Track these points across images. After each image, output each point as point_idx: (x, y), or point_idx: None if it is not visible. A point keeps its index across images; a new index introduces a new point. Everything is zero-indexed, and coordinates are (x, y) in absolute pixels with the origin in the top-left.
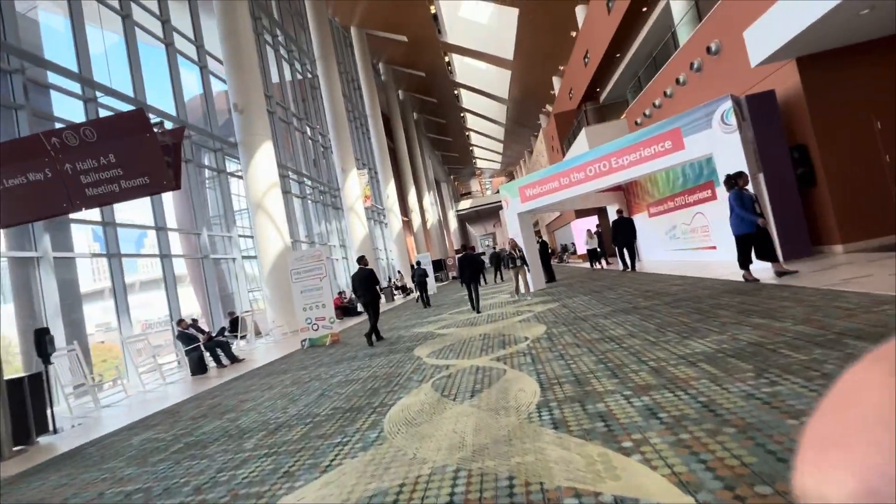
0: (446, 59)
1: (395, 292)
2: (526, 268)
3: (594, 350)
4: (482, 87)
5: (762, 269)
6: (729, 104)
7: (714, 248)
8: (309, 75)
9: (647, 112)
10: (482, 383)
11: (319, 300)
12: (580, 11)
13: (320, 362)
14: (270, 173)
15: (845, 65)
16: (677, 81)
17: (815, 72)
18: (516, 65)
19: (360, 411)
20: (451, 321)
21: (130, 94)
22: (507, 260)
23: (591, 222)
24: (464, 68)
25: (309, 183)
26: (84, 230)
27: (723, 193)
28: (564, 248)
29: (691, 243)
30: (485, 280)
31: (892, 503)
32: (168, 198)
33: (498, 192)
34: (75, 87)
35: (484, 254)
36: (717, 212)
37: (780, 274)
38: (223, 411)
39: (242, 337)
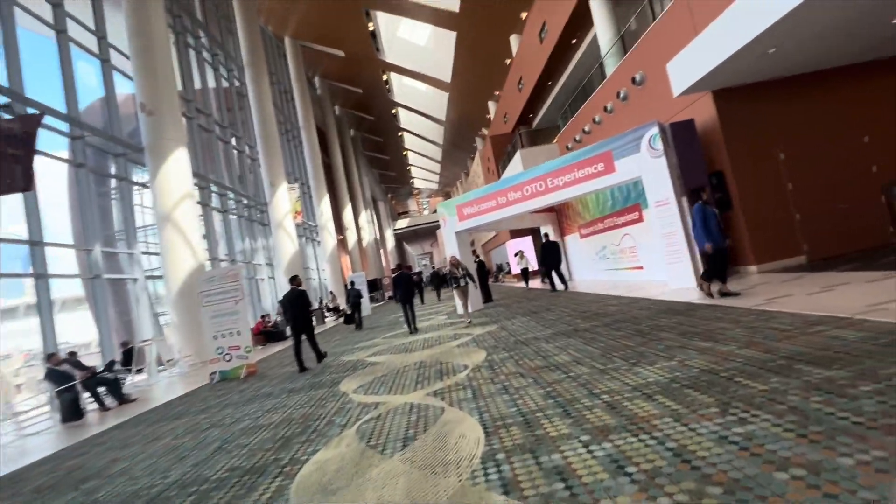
0: (384, 77)
1: (327, 314)
2: (473, 285)
3: (540, 381)
4: (420, 108)
5: (692, 288)
6: (655, 129)
7: (641, 268)
8: (237, 83)
9: (578, 137)
10: (417, 426)
11: (234, 326)
12: (514, 40)
13: (227, 401)
14: (183, 183)
15: (757, 98)
16: (605, 109)
17: (730, 104)
18: (454, 87)
19: (264, 473)
20: (384, 346)
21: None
22: (450, 279)
23: (525, 243)
24: (402, 88)
25: (232, 196)
26: None
27: (650, 216)
28: (500, 268)
29: (620, 263)
30: (422, 299)
31: None
32: (62, 208)
33: (435, 211)
34: None
35: (421, 273)
36: (644, 233)
37: (723, 294)
38: (82, 478)
39: (138, 371)
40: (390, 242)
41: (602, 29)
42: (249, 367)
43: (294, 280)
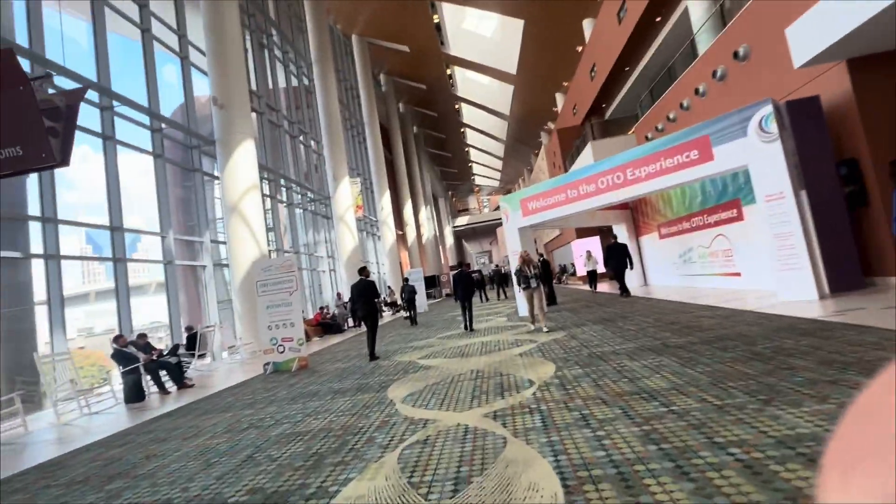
0: (448, 71)
1: (385, 308)
2: (543, 289)
3: (632, 413)
4: (483, 102)
5: (813, 302)
6: (769, 108)
7: (738, 274)
8: (305, 80)
9: (660, 126)
10: (472, 462)
11: (287, 318)
12: (587, 25)
13: (273, 397)
14: (250, 175)
15: None
16: (696, 92)
17: (870, 76)
18: (519, 80)
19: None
20: (438, 347)
21: (94, 78)
22: (519, 277)
23: (593, 243)
24: (466, 83)
25: (298, 190)
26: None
27: (754, 213)
28: (563, 269)
29: (710, 269)
30: (484, 297)
31: None
32: (151, 197)
33: (497, 208)
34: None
35: (479, 271)
36: (744, 234)
37: None
38: (113, 474)
39: (201, 356)
40: (449, 240)
41: (695, 1)
42: (301, 360)
43: (362, 271)
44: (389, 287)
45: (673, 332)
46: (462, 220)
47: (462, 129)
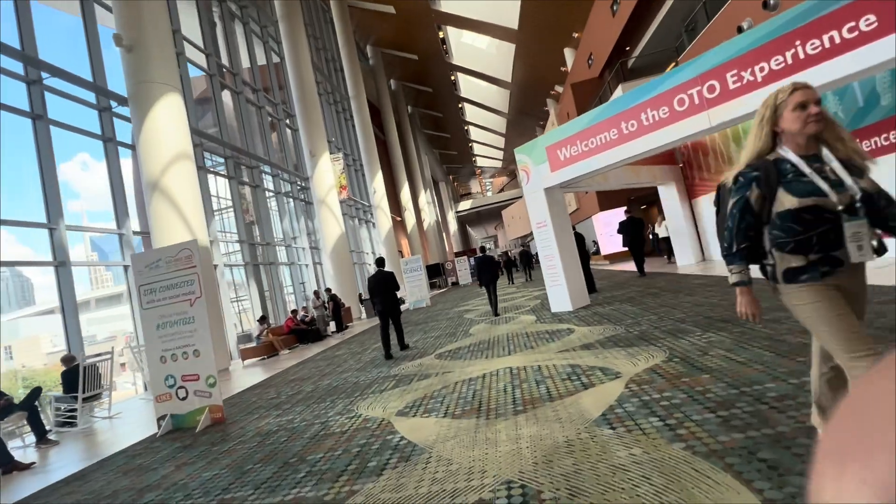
0: (441, 35)
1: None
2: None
3: None
4: (482, 70)
5: None
6: None
7: None
8: (271, 41)
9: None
10: None
11: (189, 343)
12: None
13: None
14: (176, 139)
15: None
16: None
17: None
18: (522, 36)
19: None
20: (437, 383)
21: None
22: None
23: (617, 218)
24: (461, 48)
25: (268, 170)
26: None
27: None
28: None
29: None
30: (511, 279)
31: None
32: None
33: (502, 190)
34: None
35: (506, 253)
36: None
37: None
38: None
39: (90, 398)
40: (453, 225)
41: None
42: (213, 411)
43: (380, 262)
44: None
45: None
46: (465, 205)
47: (460, 105)
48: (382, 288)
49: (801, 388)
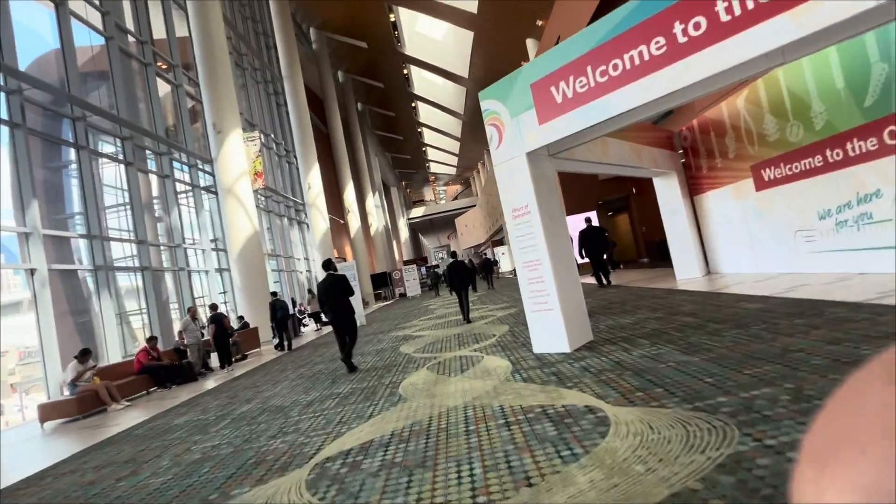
0: (391, 17)
1: (306, 322)
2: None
3: None
4: (438, 63)
5: None
6: None
7: None
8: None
9: None
10: None
11: None
12: None
13: None
14: None
15: None
16: None
17: None
18: (481, 21)
19: None
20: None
21: None
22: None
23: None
24: (415, 39)
25: (149, 143)
26: None
27: None
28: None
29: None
30: (475, 288)
31: None
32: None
33: (456, 198)
34: None
35: (471, 261)
36: None
37: None
38: None
39: None
40: (404, 233)
41: None
42: None
43: (328, 265)
44: (311, 291)
45: None
46: (418, 212)
47: (413, 104)
48: (333, 294)
49: None
